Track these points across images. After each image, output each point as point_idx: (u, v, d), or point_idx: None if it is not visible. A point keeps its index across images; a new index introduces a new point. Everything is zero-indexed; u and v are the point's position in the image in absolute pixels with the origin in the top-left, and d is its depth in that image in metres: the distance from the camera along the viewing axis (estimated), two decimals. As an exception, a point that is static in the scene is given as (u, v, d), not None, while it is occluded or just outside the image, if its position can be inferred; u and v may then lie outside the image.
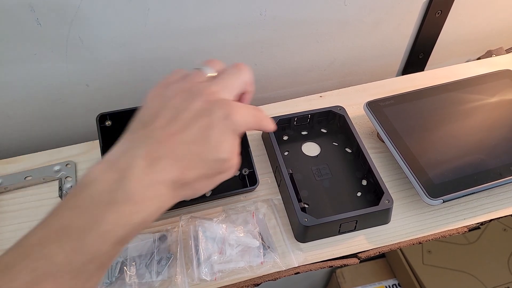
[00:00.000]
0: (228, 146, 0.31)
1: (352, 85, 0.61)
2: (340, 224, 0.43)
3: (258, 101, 0.63)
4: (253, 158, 0.47)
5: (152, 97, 0.34)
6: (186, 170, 0.30)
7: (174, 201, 0.30)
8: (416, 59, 0.66)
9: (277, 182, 0.49)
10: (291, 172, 0.47)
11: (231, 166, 0.33)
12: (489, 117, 0.50)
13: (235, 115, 0.31)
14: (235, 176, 0.49)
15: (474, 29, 0.66)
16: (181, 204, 0.46)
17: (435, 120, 0.50)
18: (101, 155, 0.46)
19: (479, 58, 0.69)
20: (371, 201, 0.46)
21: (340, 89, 0.60)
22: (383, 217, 0.45)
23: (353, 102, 0.56)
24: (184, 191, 0.31)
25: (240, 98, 0.35)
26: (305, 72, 0.63)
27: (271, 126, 0.35)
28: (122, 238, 0.27)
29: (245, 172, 0.47)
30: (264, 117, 0.34)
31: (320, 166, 0.50)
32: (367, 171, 0.47)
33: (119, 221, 0.27)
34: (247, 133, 0.50)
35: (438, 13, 0.60)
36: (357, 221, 0.43)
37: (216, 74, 0.34)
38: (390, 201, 0.43)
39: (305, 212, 0.42)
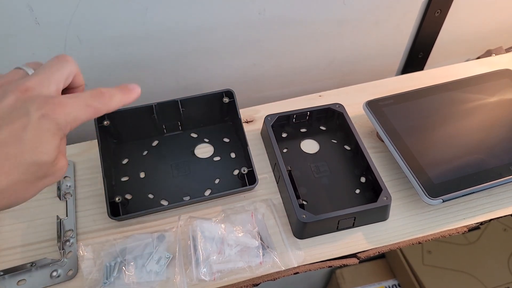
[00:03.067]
0: (49, 147, 0.27)
1: (351, 85, 0.61)
2: (339, 221, 0.43)
3: (257, 101, 0.63)
4: (252, 157, 0.47)
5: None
6: None
7: None
8: (416, 59, 0.66)
9: (275, 179, 0.49)
10: (289, 169, 0.47)
11: (57, 169, 0.29)
12: (489, 116, 0.50)
13: (55, 112, 0.27)
14: (234, 175, 0.49)
15: (473, 29, 0.66)
16: (180, 204, 0.46)
17: (434, 120, 0.50)
18: (100, 155, 0.46)
19: (478, 58, 0.69)
20: (370, 198, 0.46)
21: (339, 89, 0.60)
22: (381, 214, 0.45)
23: (352, 102, 0.56)
24: None
25: (70, 93, 0.32)
26: (304, 71, 0.63)
27: (128, 99, 0.32)
28: None
29: (244, 171, 0.47)
30: (108, 98, 0.31)
31: (318, 164, 0.50)
32: (365, 168, 0.47)
33: None
34: (246, 132, 0.49)
35: (438, 13, 0.60)
36: (355, 217, 0.43)
37: (32, 71, 0.31)
38: (388, 198, 0.43)
39: (304, 209, 0.42)
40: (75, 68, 0.32)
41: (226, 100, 0.51)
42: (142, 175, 0.49)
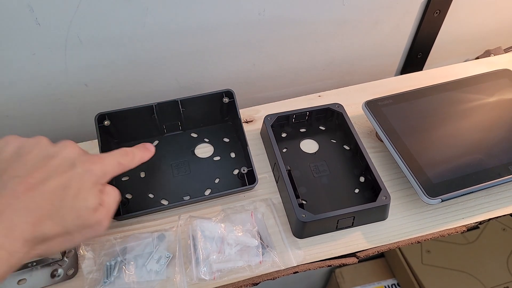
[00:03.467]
0: (90, 195, 0.33)
1: (350, 85, 0.61)
2: (338, 220, 0.43)
3: (257, 101, 0.63)
4: (252, 157, 0.48)
5: (7, 141, 0.34)
6: (41, 224, 0.29)
7: (27, 258, 0.29)
8: (415, 59, 0.67)
9: (275, 178, 0.49)
10: (289, 168, 0.47)
11: (96, 221, 0.33)
12: (488, 116, 0.50)
13: (97, 166, 0.34)
14: (234, 175, 0.49)
15: (472, 29, 0.66)
16: (180, 204, 0.46)
17: (433, 120, 0.50)
18: (100, 155, 0.47)
19: (477, 58, 0.69)
20: (369, 198, 0.46)
21: (338, 89, 0.60)
22: (380, 213, 0.45)
23: (351, 102, 0.56)
24: (39, 249, 0.30)
25: None
26: (303, 71, 0.63)
27: (146, 157, 0.41)
28: None
29: (243, 170, 0.47)
30: (132, 157, 0.39)
31: (318, 163, 0.50)
32: (364, 168, 0.48)
33: None
34: (245, 132, 0.50)
35: (437, 13, 0.60)
36: (354, 217, 0.43)
37: None
38: (388, 197, 0.43)
39: (303, 208, 0.42)
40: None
41: (226, 100, 0.51)
42: (142, 174, 0.49)
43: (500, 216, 0.47)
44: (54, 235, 0.30)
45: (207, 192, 0.48)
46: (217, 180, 0.49)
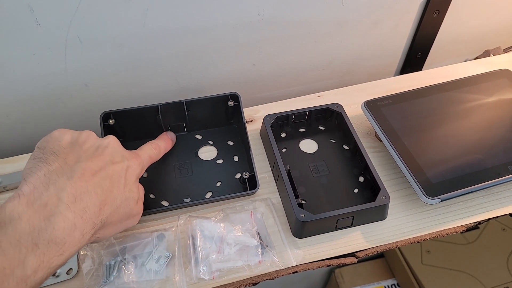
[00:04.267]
0: (135, 190, 0.37)
1: (350, 85, 0.61)
2: (337, 220, 0.43)
3: (256, 101, 0.63)
4: (254, 162, 0.47)
5: (61, 131, 0.36)
6: (104, 208, 0.32)
7: (89, 242, 0.31)
8: (414, 59, 0.67)
9: (275, 178, 0.49)
10: (288, 168, 0.48)
11: (138, 212, 0.38)
12: (487, 116, 0.51)
13: (139, 160, 0.39)
14: (236, 179, 0.49)
15: (471, 29, 0.66)
16: (180, 206, 0.46)
17: (433, 120, 0.50)
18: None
19: (476, 58, 0.69)
20: (368, 198, 0.46)
21: (338, 89, 0.60)
22: (379, 213, 0.45)
23: (351, 102, 0.56)
24: (99, 233, 0.33)
25: None
26: (303, 71, 0.63)
27: (169, 147, 0.48)
28: (40, 281, 0.26)
29: (245, 175, 0.47)
30: (158, 150, 0.44)
31: (317, 163, 0.50)
32: (364, 168, 0.48)
33: (41, 264, 0.26)
34: (248, 134, 0.50)
35: (436, 13, 0.60)
36: (353, 217, 0.43)
37: None
38: (387, 197, 0.43)
39: (302, 208, 0.42)
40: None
41: (231, 103, 0.51)
42: (144, 174, 0.49)
43: (499, 216, 0.47)
44: (111, 221, 0.33)
45: (208, 195, 0.48)
46: (218, 184, 0.49)
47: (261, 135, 0.54)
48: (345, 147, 0.52)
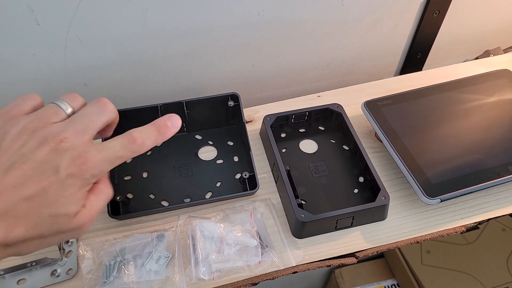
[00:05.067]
0: (70, 200, 0.27)
1: (350, 85, 0.61)
2: (337, 220, 0.43)
3: (256, 101, 0.63)
4: (254, 162, 0.47)
5: (14, 108, 0.29)
6: (13, 229, 0.26)
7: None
8: (414, 59, 0.67)
9: (274, 179, 0.49)
10: (288, 169, 0.48)
11: (77, 226, 0.28)
12: (487, 116, 0.50)
13: (82, 169, 0.27)
14: (235, 179, 0.49)
15: (471, 29, 0.66)
16: (180, 206, 0.46)
17: (433, 120, 0.50)
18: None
19: (476, 58, 0.69)
20: (368, 198, 0.46)
21: (338, 89, 0.60)
22: (379, 214, 0.45)
23: (351, 102, 0.56)
24: (9, 251, 0.27)
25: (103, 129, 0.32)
26: (303, 72, 0.63)
27: (166, 136, 0.32)
28: None
29: (245, 175, 0.47)
30: (140, 144, 0.30)
31: (317, 163, 0.50)
32: (364, 168, 0.48)
33: None
34: (248, 134, 0.50)
35: (436, 13, 0.60)
36: (353, 217, 0.43)
37: (72, 110, 0.30)
38: (387, 197, 0.43)
39: (302, 208, 0.42)
40: (114, 115, 0.32)
41: (231, 103, 0.51)
42: (144, 175, 0.50)
43: (499, 216, 0.47)
44: (26, 239, 0.27)
45: (208, 195, 0.48)
46: (218, 184, 0.49)
47: (261, 135, 0.54)
48: (345, 147, 0.52)
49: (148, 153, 0.51)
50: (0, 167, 0.26)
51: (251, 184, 0.47)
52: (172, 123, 0.33)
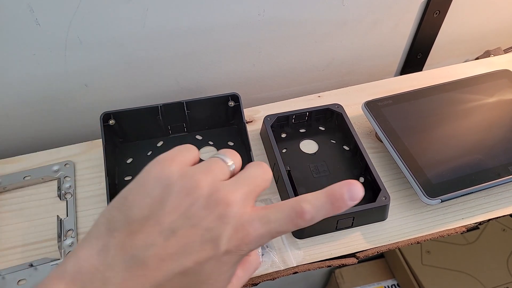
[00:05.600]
0: (224, 280, 0.24)
1: (350, 85, 0.61)
2: (337, 221, 0.43)
3: (256, 101, 0.63)
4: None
5: (151, 179, 0.24)
6: None
7: None
8: (414, 59, 0.67)
9: (275, 179, 0.49)
10: (289, 169, 0.48)
11: None
12: (488, 117, 0.50)
13: (242, 245, 0.23)
14: None
15: (472, 29, 0.66)
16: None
17: (433, 120, 0.50)
18: (104, 154, 0.47)
19: (477, 58, 0.69)
20: (368, 198, 0.46)
21: (338, 89, 0.60)
22: (380, 214, 0.45)
23: (351, 102, 0.56)
24: None
25: None
26: (303, 72, 0.63)
27: (334, 211, 0.25)
28: None
29: None
30: (308, 219, 0.25)
31: (318, 164, 0.50)
32: (364, 168, 0.48)
33: None
34: (248, 134, 0.50)
35: (436, 13, 0.60)
36: (354, 217, 0.43)
37: (234, 168, 0.26)
38: (387, 197, 0.43)
39: (303, 210, 0.42)
40: (269, 181, 0.27)
41: (231, 103, 0.51)
42: (143, 175, 0.49)
43: (500, 217, 0.46)
44: None
45: None
46: (218, 184, 0.49)
47: (261, 135, 0.54)
48: (346, 147, 0.51)
49: (149, 153, 0.51)
50: (163, 231, 0.22)
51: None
52: (351, 196, 0.25)
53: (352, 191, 0.25)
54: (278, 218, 0.24)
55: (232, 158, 0.26)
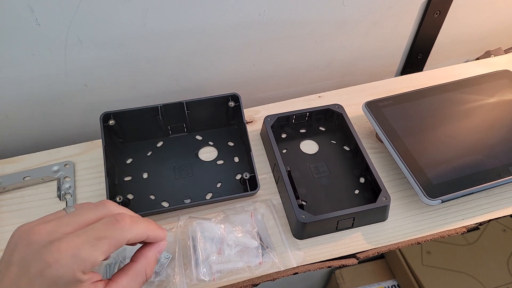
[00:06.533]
0: None
1: (350, 85, 0.61)
2: (338, 221, 0.43)
3: (257, 101, 0.63)
4: (255, 163, 0.47)
5: (16, 235, 0.31)
6: None
7: None
8: (415, 60, 0.67)
9: (275, 179, 0.49)
10: (289, 169, 0.47)
11: None
12: (488, 117, 0.50)
13: (53, 268, 0.27)
14: (236, 180, 0.49)
15: (472, 30, 0.66)
16: (180, 207, 0.46)
17: (433, 121, 0.50)
18: (104, 154, 0.47)
19: (477, 59, 0.69)
20: (369, 199, 0.46)
21: (338, 89, 0.60)
22: (380, 214, 0.45)
23: (351, 102, 0.56)
24: None
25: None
26: (303, 72, 0.63)
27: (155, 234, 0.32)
28: None
29: (246, 176, 0.47)
30: (152, 229, 0.31)
31: (318, 164, 0.50)
32: (364, 169, 0.48)
33: None
34: (249, 135, 0.49)
35: (437, 14, 0.60)
36: (354, 218, 0.43)
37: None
38: (388, 198, 0.43)
39: (303, 209, 0.42)
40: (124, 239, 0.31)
41: (231, 104, 0.51)
42: (145, 175, 0.49)
43: (500, 217, 0.46)
44: None
45: (208, 196, 0.48)
46: (219, 184, 0.49)
47: (262, 136, 0.54)
48: (346, 148, 0.51)
49: (149, 153, 0.51)
50: (13, 276, 0.28)
51: (251, 184, 0.47)
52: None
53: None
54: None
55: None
